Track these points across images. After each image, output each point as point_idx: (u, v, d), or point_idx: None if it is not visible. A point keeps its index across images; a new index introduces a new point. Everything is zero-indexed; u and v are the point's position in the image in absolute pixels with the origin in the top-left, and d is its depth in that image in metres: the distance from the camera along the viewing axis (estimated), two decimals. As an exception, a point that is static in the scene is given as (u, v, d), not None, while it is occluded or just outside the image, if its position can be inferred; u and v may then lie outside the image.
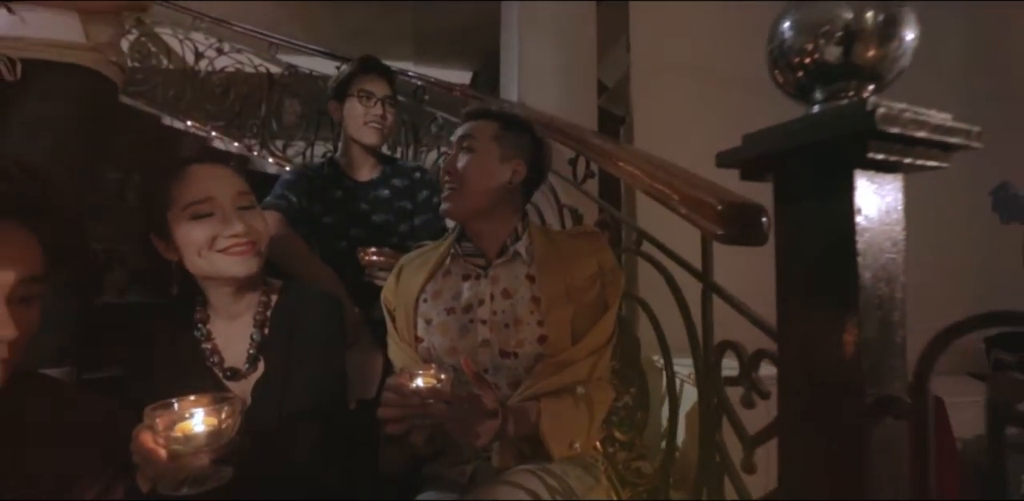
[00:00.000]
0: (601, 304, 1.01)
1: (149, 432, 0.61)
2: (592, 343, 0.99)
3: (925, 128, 0.53)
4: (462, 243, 1.07)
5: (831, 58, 0.57)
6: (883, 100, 0.59)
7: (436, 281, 1.07)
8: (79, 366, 1.10)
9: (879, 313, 0.56)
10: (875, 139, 0.52)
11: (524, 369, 0.99)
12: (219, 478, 0.63)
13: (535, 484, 0.85)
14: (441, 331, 1.03)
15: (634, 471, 1.34)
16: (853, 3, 0.58)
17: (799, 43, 0.59)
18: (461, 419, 0.81)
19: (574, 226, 1.34)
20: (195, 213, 0.84)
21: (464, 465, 0.99)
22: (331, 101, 1.60)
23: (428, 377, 0.83)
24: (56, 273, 0.66)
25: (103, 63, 1.18)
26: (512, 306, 1.00)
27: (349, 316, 1.23)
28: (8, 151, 1.00)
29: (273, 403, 0.89)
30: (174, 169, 0.86)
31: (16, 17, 1.07)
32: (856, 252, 0.55)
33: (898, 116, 0.52)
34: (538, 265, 1.02)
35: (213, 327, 0.94)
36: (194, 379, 0.87)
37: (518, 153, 1.06)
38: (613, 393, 1.05)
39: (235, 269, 0.86)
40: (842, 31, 0.57)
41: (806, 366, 0.62)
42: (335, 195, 1.57)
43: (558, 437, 0.92)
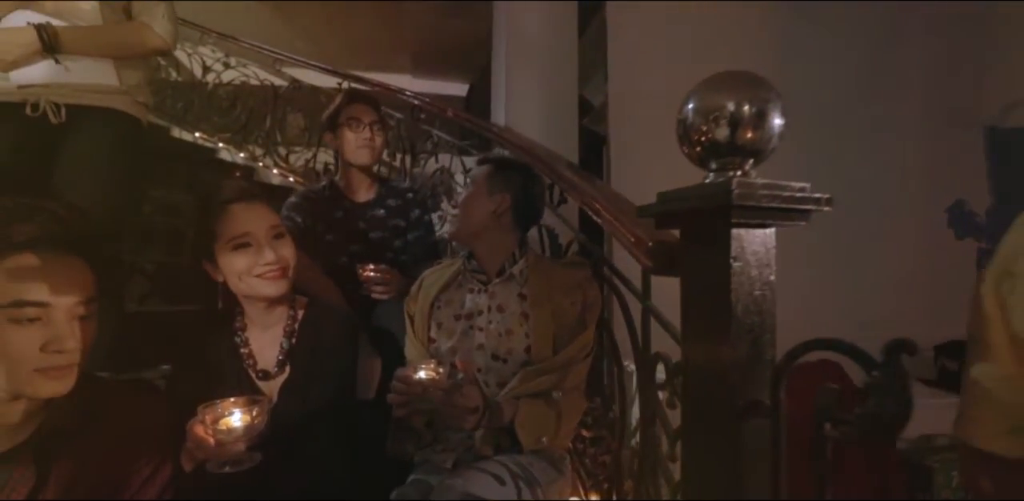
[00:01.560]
0: (581, 324, 1.19)
1: (201, 425, 0.80)
2: (570, 356, 1.17)
3: (778, 200, 0.71)
4: (470, 261, 1.28)
5: (720, 138, 0.75)
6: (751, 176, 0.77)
7: (449, 291, 1.29)
8: (117, 368, 1.27)
9: (750, 336, 0.73)
10: (737, 209, 0.69)
11: (511, 372, 1.18)
12: (252, 460, 0.83)
13: (500, 471, 1.03)
14: (447, 334, 1.24)
15: (600, 464, 1.51)
16: (735, 96, 0.76)
17: (697, 125, 0.77)
18: (452, 405, 1.00)
19: (567, 255, 1.53)
20: (236, 245, 1.02)
21: (449, 453, 1.17)
22: (327, 132, 1.77)
23: (429, 370, 1.01)
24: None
25: (133, 105, 1.35)
26: (505, 319, 1.21)
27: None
28: (58, 190, 1.17)
29: (296, 402, 1.06)
30: (218, 208, 1.03)
31: (61, 66, 1.24)
32: (730, 290, 0.72)
33: (753, 193, 0.69)
34: (530, 287, 1.23)
35: (250, 335, 1.12)
36: (232, 377, 1.06)
37: (504, 188, 1.26)
38: (586, 402, 1.26)
39: (268, 290, 1.04)
40: (727, 118, 0.74)
41: (700, 376, 0.79)
42: (335, 215, 1.74)
43: (529, 431, 1.11)
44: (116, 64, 1.33)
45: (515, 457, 1.11)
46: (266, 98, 3.66)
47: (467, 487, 0.96)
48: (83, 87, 1.28)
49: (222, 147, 3.63)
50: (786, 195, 0.70)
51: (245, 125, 3.67)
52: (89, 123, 1.27)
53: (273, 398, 1.07)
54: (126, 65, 1.35)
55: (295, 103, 3.63)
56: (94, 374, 0.88)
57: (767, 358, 0.73)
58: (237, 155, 3.59)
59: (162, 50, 1.41)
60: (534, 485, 1.06)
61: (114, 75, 1.32)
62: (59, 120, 1.24)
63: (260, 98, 3.69)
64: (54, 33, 1.21)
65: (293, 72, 3.75)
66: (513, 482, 1.02)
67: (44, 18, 1.23)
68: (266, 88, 3.69)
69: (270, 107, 3.62)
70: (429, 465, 1.16)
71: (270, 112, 3.59)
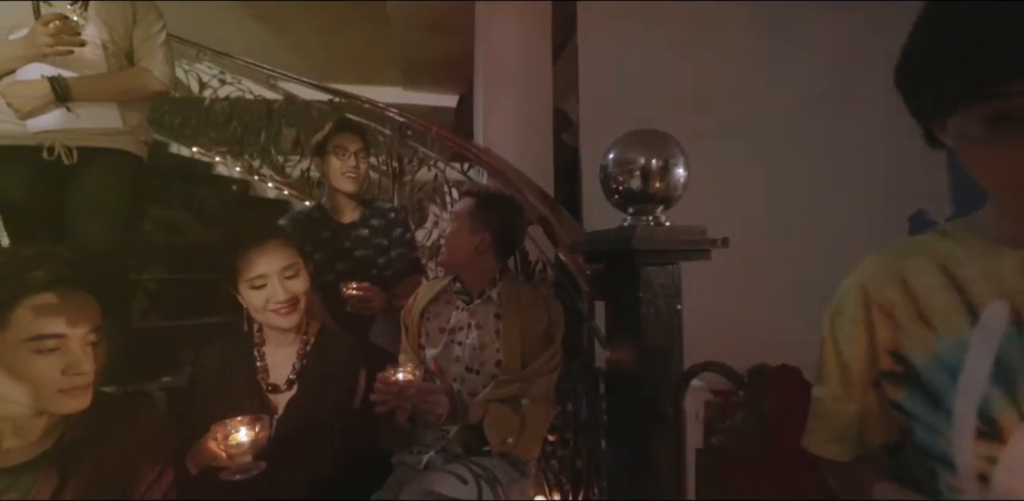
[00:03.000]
0: (547, 339, 1.33)
1: (213, 441, 0.97)
2: (536, 369, 1.30)
3: (677, 242, 0.85)
4: (455, 282, 1.44)
5: (635, 187, 0.90)
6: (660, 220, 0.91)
7: (437, 305, 1.45)
8: (122, 382, 1.41)
9: (658, 356, 0.87)
10: (640, 252, 0.84)
11: (482, 384, 1.33)
12: (258, 468, 1.00)
13: (463, 471, 1.17)
14: (432, 344, 1.40)
15: (569, 465, 1.64)
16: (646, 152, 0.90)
17: (615, 175, 0.91)
18: (426, 402, 1.16)
19: (535, 273, 1.67)
20: (253, 285, 1.17)
21: (423, 455, 1.31)
22: (315, 158, 1.91)
23: (407, 372, 1.17)
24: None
25: (136, 144, 1.49)
26: (481, 335, 1.36)
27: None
28: (70, 224, 1.31)
29: (300, 416, 1.20)
30: (240, 250, 1.17)
31: (72, 113, 1.38)
32: (639, 316, 0.86)
33: (654, 238, 0.84)
34: (502, 308, 1.36)
35: (267, 350, 1.27)
36: (244, 387, 1.20)
37: (486, 227, 1.37)
38: (553, 411, 1.38)
39: (281, 323, 1.20)
40: (639, 170, 0.89)
41: (619, 389, 0.93)
42: (323, 236, 1.88)
43: (496, 432, 1.25)
44: (120, 107, 1.47)
45: (480, 459, 1.25)
46: (261, 113, 3.78)
47: (431, 486, 1.10)
48: (92, 131, 1.42)
49: (219, 161, 3.76)
50: (685, 239, 0.85)
51: (241, 139, 3.80)
52: (97, 163, 1.41)
53: (279, 410, 1.22)
54: (129, 107, 1.49)
55: (289, 117, 3.74)
56: (101, 390, 1.02)
57: (674, 372, 0.88)
58: (234, 169, 3.72)
59: (162, 92, 1.55)
60: (495, 485, 1.20)
61: (118, 117, 1.46)
62: (71, 161, 1.38)
63: (255, 113, 3.81)
64: (65, 84, 1.35)
65: (287, 87, 3.88)
66: (475, 481, 1.16)
67: (55, 69, 1.37)
68: (260, 103, 3.81)
69: (264, 122, 3.74)
70: (405, 467, 1.31)
71: (264, 127, 3.72)
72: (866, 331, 0.62)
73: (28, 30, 1.34)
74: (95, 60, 1.43)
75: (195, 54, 3.96)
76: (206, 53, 3.91)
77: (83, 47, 1.36)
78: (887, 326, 0.61)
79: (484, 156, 2.11)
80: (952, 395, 0.54)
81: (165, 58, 1.54)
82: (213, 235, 2.67)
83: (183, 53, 3.99)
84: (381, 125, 3.13)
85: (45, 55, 1.33)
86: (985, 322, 0.53)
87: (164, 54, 1.54)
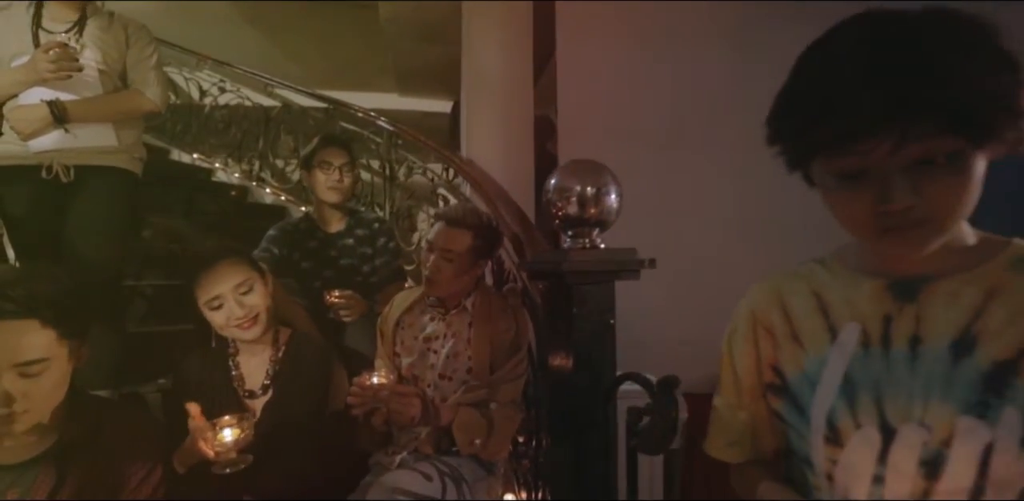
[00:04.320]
0: (515, 347, 1.41)
1: (203, 441, 1.06)
2: (503, 375, 1.39)
3: (605, 264, 0.94)
4: (429, 296, 1.48)
5: (572, 212, 0.99)
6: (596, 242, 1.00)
7: (412, 314, 1.51)
8: (119, 384, 1.51)
9: (590, 364, 0.95)
10: (572, 274, 0.92)
11: (453, 390, 1.41)
12: (245, 461, 1.10)
13: (429, 469, 1.26)
14: (408, 352, 1.48)
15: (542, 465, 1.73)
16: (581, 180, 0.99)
17: (555, 201, 1.00)
18: (399, 404, 1.24)
19: (506, 282, 1.76)
20: (211, 307, 1.26)
21: (396, 455, 1.40)
22: (303, 171, 2.01)
23: (381, 377, 1.26)
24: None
25: (130, 161, 1.59)
26: (455, 343, 1.43)
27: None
28: (69, 238, 1.42)
29: (277, 418, 1.29)
30: (195, 275, 1.26)
31: (70, 134, 1.48)
32: (573, 330, 0.95)
33: (585, 260, 0.92)
34: (475, 317, 1.44)
35: (241, 360, 1.36)
36: (222, 394, 1.30)
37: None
38: (520, 415, 1.46)
39: (245, 336, 1.29)
40: (575, 197, 0.98)
41: (557, 393, 1.02)
42: (310, 245, 1.98)
43: (463, 433, 1.33)
44: (115, 126, 1.57)
45: (448, 459, 1.34)
46: (259, 120, 3.88)
47: (397, 483, 1.19)
48: (88, 150, 1.52)
49: (218, 168, 3.87)
50: (615, 260, 0.94)
51: (240, 145, 3.90)
52: (94, 180, 1.51)
53: (257, 414, 1.31)
54: (124, 126, 1.59)
55: (286, 124, 3.84)
56: (97, 395, 1.12)
57: (605, 382, 0.96)
58: (233, 175, 3.82)
59: (154, 112, 1.64)
60: (460, 482, 1.29)
61: (114, 136, 1.56)
62: (69, 179, 1.48)
63: (253, 120, 3.91)
64: (62, 107, 1.45)
65: (284, 94, 3.98)
66: (440, 479, 1.26)
67: (54, 93, 1.47)
68: (259, 110, 3.91)
69: (263, 128, 3.84)
70: (380, 467, 1.40)
71: (262, 134, 3.82)
72: (753, 348, 0.71)
73: (29, 57, 1.45)
74: (91, 83, 1.53)
75: (196, 63, 4.07)
76: (206, 62, 4.01)
77: (80, 72, 1.45)
78: (769, 344, 0.69)
79: (466, 168, 2.20)
80: (812, 405, 0.63)
81: (157, 79, 1.64)
82: (211, 242, 2.78)
83: (184, 62, 4.11)
84: (374, 133, 3.24)
85: (46, 80, 1.43)
86: (840, 342, 0.62)
87: (156, 76, 1.64)
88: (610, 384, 0.90)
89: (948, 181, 0.51)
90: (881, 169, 0.52)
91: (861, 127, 0.50)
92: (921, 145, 0.49)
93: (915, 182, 0.51)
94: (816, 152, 0.56)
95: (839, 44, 0.54)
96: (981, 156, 0.51)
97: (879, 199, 0.52)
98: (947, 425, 0.53)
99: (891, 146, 0.50)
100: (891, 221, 0.53)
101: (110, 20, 1.61)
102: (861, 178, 0.53)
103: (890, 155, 0.50)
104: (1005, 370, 0.51)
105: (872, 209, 0.53)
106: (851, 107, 0.50)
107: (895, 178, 0.51)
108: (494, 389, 1.38)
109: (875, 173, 0.52)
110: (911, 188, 0.51)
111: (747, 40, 2.56)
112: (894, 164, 0.51)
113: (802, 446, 0.65)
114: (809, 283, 0.68)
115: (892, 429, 0.56)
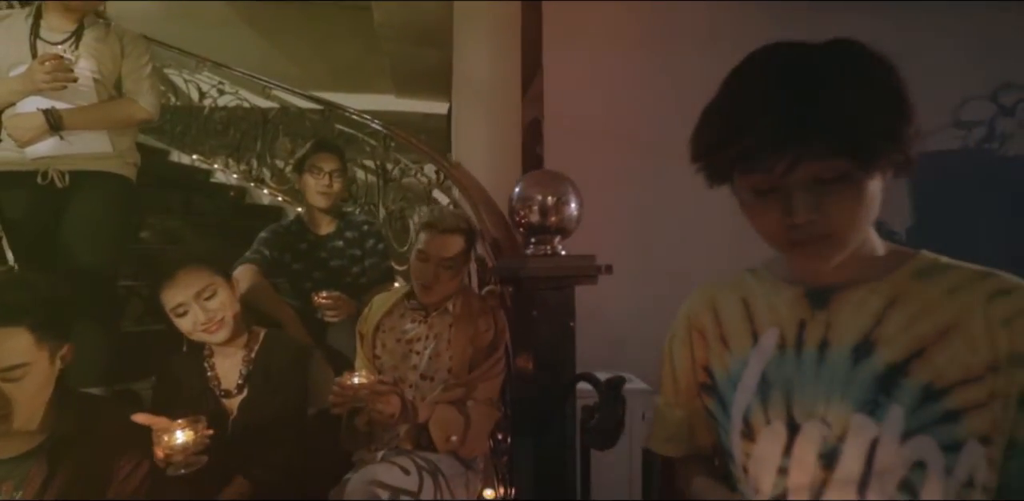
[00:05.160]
0: (492, 347, 1.45)
1: (156, 446, 1.09)
2: (481, 374, 1.43)
3: (565, 270, 0.98)
4: (411, 299, 1.53)
5: (534, 220, 1.04)
6: (558, 249, 1.04)
7: (392, 318, 1.55)
8: (113, 381, 1.57)
9: (549, 367, 1.01)
10: (529, 280, 0.97)
11: (431, 391, 1.45)
12: (199, 463, 1.12)
13: (407, 462, 1.31)
14: (390, 354, 1.52)
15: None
16: (542, 190, 1.04)
17: (518, 210, 1.05)
18: (378, 402, 1.27)
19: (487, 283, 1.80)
20: (176, 314, 1.32)
21: (377, 452, 1.45)
22: (295, 174, 2.07)
23: (362, 377, 1.30)
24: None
25: (124, 166, 1.65)
26: (436, 345, 1.48)
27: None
28: (65, 242, 1.48)
29: (254, 417, 1.35)
30: (157, 285, 1.32)
31: (65, 141, 1.54)
32: (533, 332, 1.00)
33: (542, 267, 0.97)
34: (455, 318, 1.48)
35: (216, 361, 1.41)
36: (198, 393, 1.36)
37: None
38: (499, 413, 1.49)
39: (214, 339, 1.35)
40: (537, 206, 1.03)
41: (521, 392, 1.07)
42: (301, 247, 2.04)
43: (440, 430, 1.37)
44: (109, 133, 1.63)
45: (427, 454, 1.40)
46: (257, 121, 3.94)
47: (374, 476, 1.25)
48: (83, 156, 1.57)
49: (217, 169, 3.94)
50: (573, 266, 0.99)
51: (239, 146, 3.97)
52: (88, 185, 1.57)
53: (233, 412, 1.37)
54: (118, 132, 1.65)
55: (284, 126, 3.90)
56: (87, 392, 1.18)
57: (564, 383, 1.02)
58: (231, 176, 3.89)
59: (147, 120, 1.70)
60: (437, 476, 1.35)
61: (108, 142, 1.62)
62: (64, 184, 1.54)
63: (252, 121, 3.98)
64: (58, 116, 1.51)
65: (281, 96, 4.03)
66: (417, 472, 1.31)
67: (50, 101, 1.53)
68: (257, 112, 3.97)
69: (260, 130, 3.90)
70: (362, 463, 1.45)
71: (260, 135, 3.88)
72: (688, 350, 0.76)
73: (26, 67, 1.50)
74: (86, 92, 1.59)
75: (195, 65, 4.14)
76: (206, 64, 4.08)
77: (75, 83, 1.51)
78: (702, 346, 0.75)
79: (454, 171, 2.25)
80: (732, 403, 0.68)
81: (150, 89, 1.69)
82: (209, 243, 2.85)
83: (184, 64, 4.18)
84: (368, 135, 3.29)
85: (41, 90, 1.49)
86: (760, 345, 0.67)
87: (149, 85, 1.69)
88: (567, 383, 0.95)
89: (842, 198, 0.56)
90: (786, 186, 0.56)
91: (761, 147, 0.55)
92: (813, 165, 0.54)
93: (816, 198, 0.56)
94: (729, 169, 0.61)
95: (749, 71, 0.59)
96: (870, 177, 0.56)
97: (785, 213, 0.57)
98: (843, 421, 0.58)
99: (787, 165, 0.54)
100: (798, 234, 0.58)
101: (107, 30, 1.67)
102: (771, 194, 0.58)
103: (787, 173, 0.55)
104: (896, 372, 0.56)
105: (780, 222, 0.58)
106: (753, 128, 0.55)
107: (797, 195, 0.56)
108: (472, 387, 1.43)
109: (782, 190, 0.57)
110: (812, 205, 0.55)
111: (735, 45, 2.60)
112: (795, 182, 0.56)
113: (727, 442, 0.70)
114: (739, 290, 0.73)
115: (797, 425, 0.61)
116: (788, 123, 0.54)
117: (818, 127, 0.53)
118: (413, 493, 1.28)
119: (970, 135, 2.97)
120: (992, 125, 2.97)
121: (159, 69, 4.23)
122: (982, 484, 0.53)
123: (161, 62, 4.15)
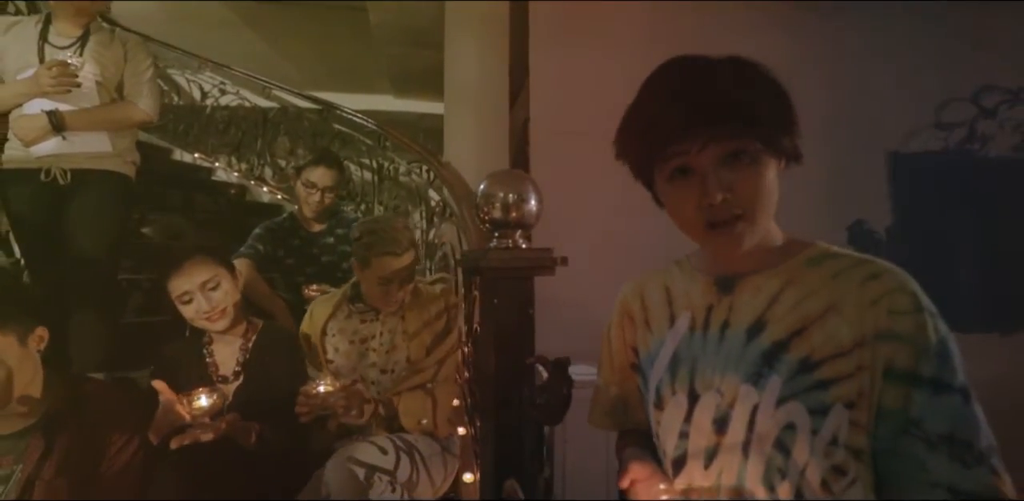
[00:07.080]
0: (446, 329, 1.54)
1: (180, 405, 1.21)
2: (437, 355, 1.53)
3: (521, 261, 1.06)
4: (355, 303, 1.61)
5: (497, 216, 1.11)
6: (519, 243, 1.12)
7: (337, 321, 1.61)
8: (111, 369, 1.67)
9: (508, 352, 1.08)
10: (489, 270, 1.05)
11: (393, 383, 1.53)
12: (216, 428, 1.22)
13: (385, 442, 1.40)
14: (344, 356, 1.59)
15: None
16: (504, 188, 1.10)
17: (482, 206, 1.13)
18: (346, 407, 1.35)
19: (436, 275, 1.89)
20: (181, 301, 1.41)
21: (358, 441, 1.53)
22: (293, 172, 2.16)
23: (327, 385, 1.37)
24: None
25: (124, 165, 1.74)
26: (391, 338, 1.56)
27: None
28: (68, 236, 1.57)
29: (249, 401, 1.42)
30: (166, 274, 1.41)
31: (67, 141, 1.64)
32: (496, 320, 1.07)
33: (497, 257, 1.05)
34: (406, 309, 1.57)
35: (215, 348, 1.50)
36: (197, 378, 1.43)
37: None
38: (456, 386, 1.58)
39: (214, 327, 1.43)
40: (499, 202, 1.10)
41: (483, 380, 1.14)
42: (294, 243, 2.13)
43: (409, 415, 1.46)
44: (110, 133, 1.72)
45: (405, 435, 1.48)
46: (257, 121, 4.03)
47: (352, 453, 1.33)
48: (84, 155, 1.67)
49: (218, 167, 4.03)
50: (529, 257, 1.06)
51: (240, 145, 4.05)
52: (89, 182, 1.66)
53: (229, 398, 1.45)
54: (118, 133, 1.75)
55: (284, 125, 3.98)
56: (86, 375, 1.27)
57: (524, 377, 1.09)
58: (232, 174, 3.98)
59: (145, 122, 1.79)
60: (414, 455, 1.43)
61: (108, 143, 1.71)
62: (66, 182, 1.63)
63: (252, 121, 4.06)
64: (60, 117, 1.61)
65: (281, 96, 4.11)
66: (395, 451, 1.39)
67: (54, 103, 1.62)
68: (257, 111, 4.05)
69: (261, 129, 3.99)
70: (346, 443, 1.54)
71: (261, 134, 3.97)
72: (621, 332, 0.84)
73: (33, 71, 1.60)
74: (89, 94, 1.68)
75: (198, 65, 4.22)
76: (207, 64, 4.16)
77: (78, 87, 1.61)
78: (631, 329, 0.83)
79: (442, 170, 2.33)
80: (650, 379, 0.76)
81: (150, 92, 1.78)
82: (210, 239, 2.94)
83: (187, 64, 4.26)
84: (365, 134, 3.38)
85: (46, 93, 1.59)
86: (675, 327, 0.75)
87: (150, 88, 1.79)
88: (526, 366, 1.02)
89: (749, 176, 0.64)
90: (700, 168, 0.64)
91: (675, 132, 0.64)
92: (722, 145, 0.63)
93: (727, 177, 0.63)
94: (650, 159, 0.68)
95: (660, 77, 0.68)
96: (771, 158, 0.64)
97: (702, 195, 0.64)
98: (733, 391, 0.66)
99: (700, 144, 0.63)
100: (713, 215, 0.65)
101: (111, 36, 1.76)
102: (688, 177, 0.66)
103: (700, 152, 0.63)
104: (779, 347, 0.64)
105: (697, 205, 0.65)
106: (665, 118, 0.64)
107: (711, 176, 0.64)
108: (431, 370, 1.51)
109: (697, 172, 0.65)
110: (725, 183, 0.63)
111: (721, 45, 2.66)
112: (708, 163, 0.64)
113: (648, 413, 0.78)
114: (664, 279, 0.81)
115: (697, 396, 0.69)
116: (697, 111, 0.63)
117: (723, 114, 0.62)
118: (389, 471, 1.37)
119: (951, 136, 3.02)
120: (973, 126, 3.01)
121: (162, 70, 4.39)
122: (844, 442, 0.61)
123: (165, 62, 4.25)
